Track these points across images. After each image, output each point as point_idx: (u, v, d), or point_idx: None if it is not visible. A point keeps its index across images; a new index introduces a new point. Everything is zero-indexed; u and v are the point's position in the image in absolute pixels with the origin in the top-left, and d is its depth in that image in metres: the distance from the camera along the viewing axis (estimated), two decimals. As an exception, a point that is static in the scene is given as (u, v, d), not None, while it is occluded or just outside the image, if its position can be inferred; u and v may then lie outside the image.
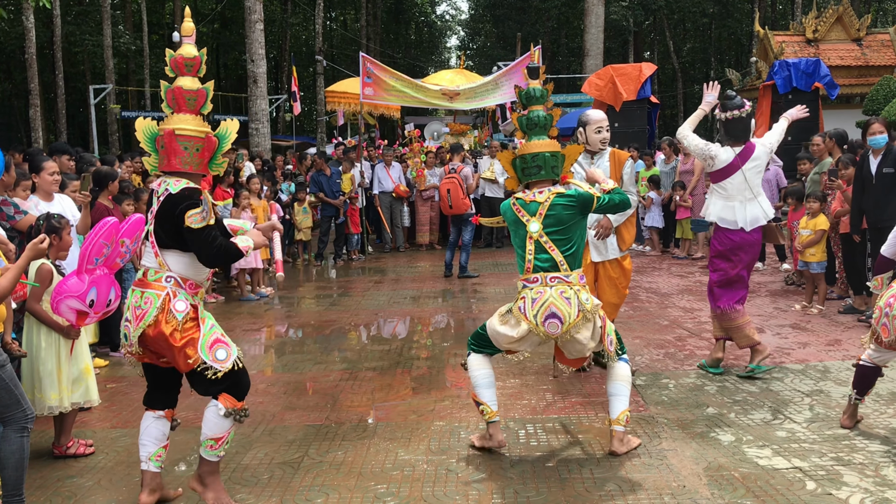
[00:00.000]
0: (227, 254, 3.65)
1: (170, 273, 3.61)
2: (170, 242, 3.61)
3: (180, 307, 3.58)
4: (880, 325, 4.17)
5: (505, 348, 4.28)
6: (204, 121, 3.75)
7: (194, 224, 3.50)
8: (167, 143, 3.63)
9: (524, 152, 4.25)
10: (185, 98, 3.68)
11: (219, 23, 37.01)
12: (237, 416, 3.64)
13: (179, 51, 3.76)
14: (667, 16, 34.87)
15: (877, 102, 18.27)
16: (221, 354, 3.59)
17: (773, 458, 4.11)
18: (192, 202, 3.54)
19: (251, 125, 17.86)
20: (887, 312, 4.12)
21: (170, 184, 3.62)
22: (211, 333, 3.62)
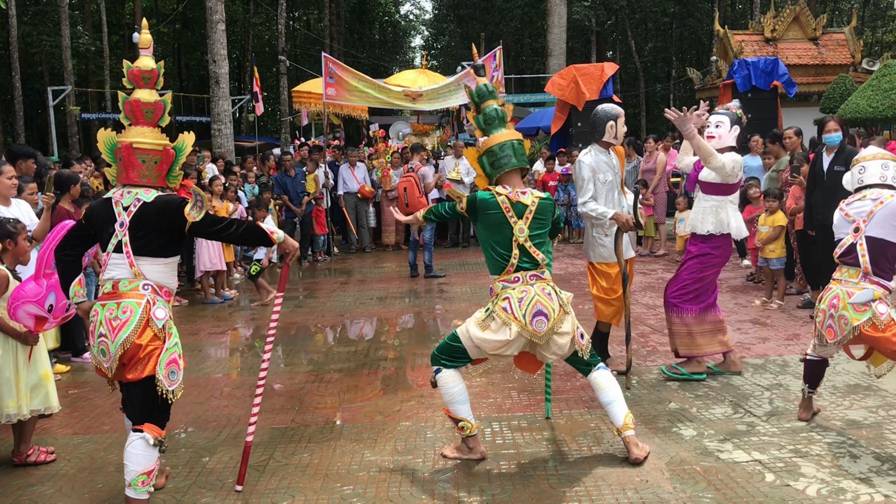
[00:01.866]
0: (254, 234, 3.81)
1: (146, 281, 3.60)
2: (146, 250, 3.61)
3: (160, 314, 3.58)
4: (825, 328, 4.24)
5: (489, 355, 4.17)
6: (162, 132, 3.76)
7: (196, 216, 3.59)
8: (125, 156, 3.65)
9: (489, 145, 4.23)
10: (143, 111, 3.70)
11: (180, 23, 36.62)
12: (162, 445, 3.60)
13: (137, 63, 3.76)
14: (628, 16, 35.22)
15: (833, 100, 18.65)
16: (174, 376, 3.58)
17: (733, 451, 4.18)
18: (180, 200, 3.62)
19: (213, 126, 17.71)
20: (832, 314, 4.19)
21: (139, 192, 3.63)
22: (173, 350, 3.61)
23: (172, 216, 3.60)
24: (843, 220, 4.30)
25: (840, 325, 4.15)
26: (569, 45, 28.42)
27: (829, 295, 4.25)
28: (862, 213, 4.18)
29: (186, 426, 4.97)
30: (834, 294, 4.21)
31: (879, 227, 4.11)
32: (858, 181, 4.33)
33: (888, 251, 4.13)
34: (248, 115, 32.23)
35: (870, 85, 15.85)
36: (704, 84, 25.50)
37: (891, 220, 4.10)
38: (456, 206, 4.26)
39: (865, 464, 3.93)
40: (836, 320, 4.17)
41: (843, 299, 4.13)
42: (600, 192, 5.56)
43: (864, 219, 4.15)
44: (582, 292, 9.01)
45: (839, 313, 4.14)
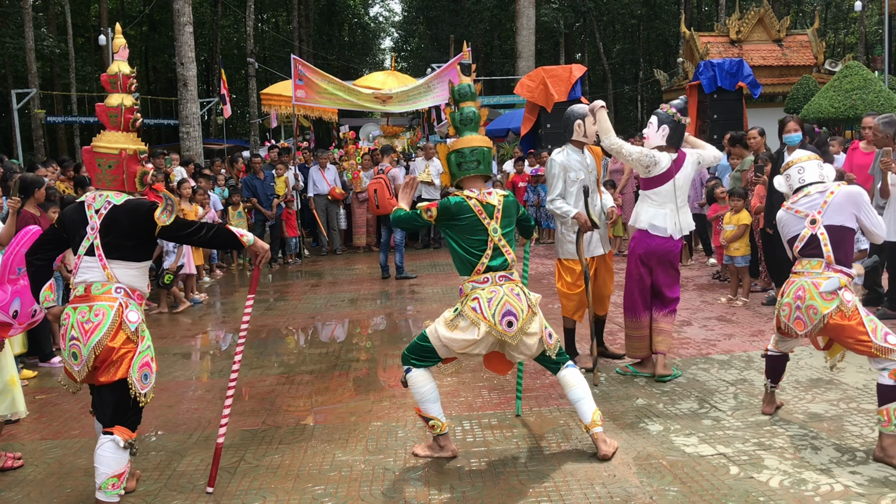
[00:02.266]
0: (224, 237, 3.83)
1: (119, 284, 3.61)
2: (118, 253, 3.62)
3: (133, 317, 3.60)
4: (793, 320, 4.29)
5: (458, 354, 4.20)
6: (137, 137, 3.78)
7: (167, 220, 3.61)
8: (86, 160, 3.69)
9: (461, 146, 4.27)
10: (108, 115, 3.73)
11: (147, 25, 36.29)
12: (133, 448, 3.61)
13: (109, 68, 3.79)
14: (596, 18, 35.52)
15: (797, 101, 19.00)
16: (146, 380, 3.60)
17: (699, 445, 4.26)
18: (148, 205, 3.63)
19: (182, 129, 17.61)
20: (798, 306, 4.23)
21: (110, 196, 3.65)
22: (145, 353, 3.62)
23: (142, 219, 3.61)
24: (794, 218, 4.35)
25: (809, 316, 4.18)
26: (538, 47, 28.61)
27: (793, 288, 4.29)
28: (815, 205, 4.26)
29: (157, 429, 4.95)
30: (799, 286, 4.24)
31: (837, 215, 4.20)
32: (799, 180, 4.41)
33: (848, 237, 4.23)
34: (217, 118, 32.01)
35: (832, 86, 16.18)
36: (671, 85, 25.83)
37: (847, 206, 4.20)
38: (422, 214, 4.19)
39: (826, 455, 4.03)
40: (804, 311, 4.20)
41: (810, 290, 4.17)
42: (570, 190, 5.69)
43: (818, 210, 4.23)
44: (552, 292, 9.09)
45: (807, 304, 4.17)
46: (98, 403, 3.67)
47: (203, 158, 18.87)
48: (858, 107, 15.17)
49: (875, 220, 4.28)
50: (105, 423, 3.60)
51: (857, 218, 4.23)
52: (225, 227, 3.88)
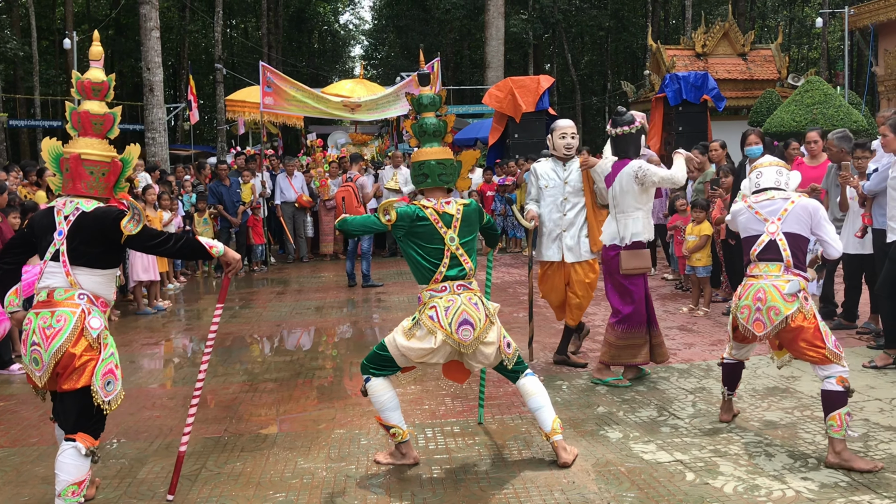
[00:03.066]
0: (193, 248, 3.83)
1: (82, 290, 3.60)
2: (84, 261, 3.61)
3: (95, 324, 3.57)
4: (752, 322, 4.35)
5: (415, 363, 4.22)
6: (110, 144, 3.79)
7: (133, 229, 3.60)
8: (73, 167, 3.66)
9: (419, 158, 4.31)
10: (92, 122, 3.73)
11: (113, 29, 35.91)
12: (95, 456, 3.59)
13: (87, 74, 3.81)
14: (565, 29, 35.84)
15: (760, 114, 19.30)
16: (110, 386, 3.59)
17: (656, 452, 4.34)
18: (116, 214, 3.63)
19: (147, 135, 17.46)
20: (759, 307, 4.28)
21: (80, 202, 3.65)
22: (109, 360, 3.61)
23: (109, 227, 3.61)
24: (753, 217, 4.46)
25: (770, 317, 4.22)
26: (507, 57, 28.80)
27: (752, 290, 4.33)
28: (775, 211, 4.39)
29: (118, 437, 4.92)
30: (758, 288, 4.29)
31: (795, 224, 4.33)
32: (756, 185, 4.58)
33: (803, 245, 4.37)
34: (184, 124, 31.76)
35: (793, 100, 16.48)
36: (638, 97, 26.12)
37: (803, 217, 4.34)
38: (380, 217, 4.16)
39: (779, 462, 4.12)
40: (764, 313, 4.23)
41: (771, 292, 4.23)
42: (543, 196, 6.08)
43: (778, 216, 4.36)
44: (517, 301, 9.17)
45: (768, 305, 4.22)
46: (60, 410, 3.64)
47: (169, 164, 18.72)
48: (819, 121, 15.44)
49: (832, 234, 4.41)
50: (67, 429, 3.57)
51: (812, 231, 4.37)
52: (194, 238, 3.88)
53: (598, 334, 6.77)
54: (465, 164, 4.45)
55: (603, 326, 7.04)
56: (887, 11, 22.51)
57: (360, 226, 4.22)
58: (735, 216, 4.65)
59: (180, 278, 11.63)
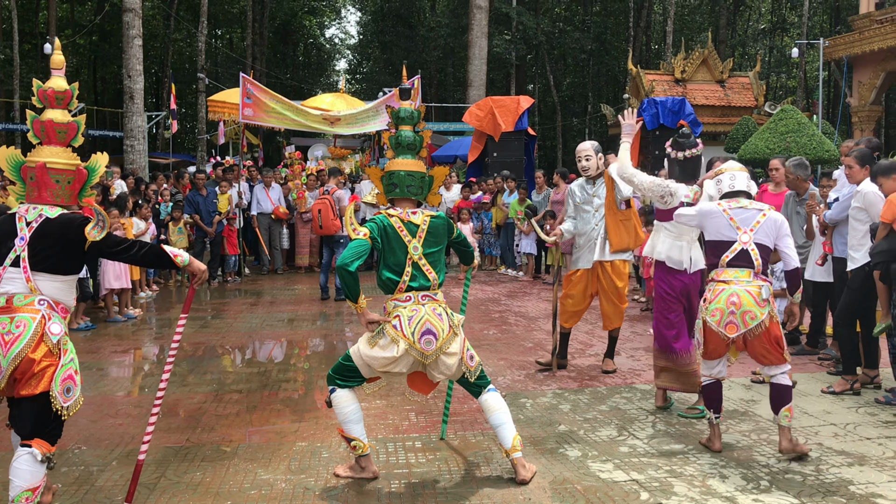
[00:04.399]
0: (157, 256, 3.85)
1: (42, 296, 3.61)
2: (46, 267, 3.62)
3: (55, 330, 3.58)
4: (725, 325, 4.47)
5: (379, 372, 4.25)
6: (73, 152, 3.81)
7: (97, 236, 3.63)
8: (38, 175, 3.68)
9: (392, 168, 4.37)
10: (56, 131, 3.76)
11: (97, 35, 35.81)
12: (51, 462, 3.59)
13: (49, 83, 3.82)
14: (547, 51, 36.20)
15: (737, 140, 19.62)
16: (69, 394, 3.59)
17: (613, 471, 4.39)
18: (80, 220, 3.65)
19: (126, 142, 17.43)
20: (732, 311, 4.44)
21: (44, 209, 3.67)
22: (68, 366, 3.61)
23: (73, 234, 3.63)
24: (725, 221, 4.61)
25: (744, 321, 4.42)
26: (490, 76, 29.03)
27: (725, 295, 4.49)
28: (748, 220, 4.59)
29: (78, 444, 4.91)
30: (732, 293, 4.47)
31: (764, 235, 4.58)
32: (730, 186, 4.74)
33: (767, 254, 4.62)
34: (165, 132, 31.66)
35: (768, 127, 16.77)
36: (617, 120, 26.39)
37: (773, 229, 4.60)
38: (352, 235, 4.19)
39: (733, 484, 4.19)
40: (738, 316, 4.43)
41: (745, 297, 4.44)
42: (579, 212, 6.65)
43: (751, 227, 4.58)
44: (489, 318, 9.24)
45: (743, 310, 4.42)
46: (17, 416, 3.63)
47: (148, 172, 18.67)
48: (792, 149, 15.75)
49: (792, 247, 4.67)
50: (24, 435, 3.57)
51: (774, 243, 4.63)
52: (159, 246, 3.90)
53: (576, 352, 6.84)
54: (436, 180, 4.51)
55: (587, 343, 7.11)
56: (861, 44, 22.96)
57: (352, 255, 4.08)
58: (704, 216, 4.73)
59: (153, 287, 11.58)
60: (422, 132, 4.52)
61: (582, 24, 39.45)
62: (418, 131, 4.51)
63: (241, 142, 14.31)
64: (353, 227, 4.24)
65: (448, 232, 4.44)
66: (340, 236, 10.66)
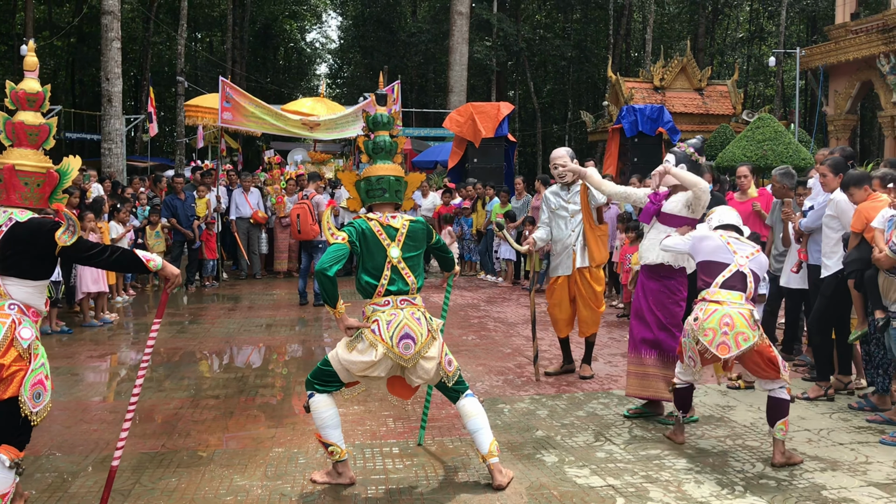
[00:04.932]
0: (129, 261, 3.82)
1: (12, 301, 3.58)
2: (14, 270, 3.59)
3: (26, 334, 3.54)
4: (717, 345, 4.50)
5: (358, 377, 4.25)
6: (45, 155, 3.79)
7: (68, 241, 3.58)
8: (7, 178, 3.66)
9: (369, 174, 4.35)
10: (27, 133, 3.74)
11: (75, 37, 35.50)
12: (19, 468, 3.56)
13: (21, 84, 3.80)
14: (528, 58, 36.33)
15: (715, 148, 19.75)
16: (39, 399, 3.55)
17: (590, 477, 4.41)
18: (51, 225, 3.62)
19: (104, 145, 17.27)
20: (725, 332, 4.49)
21: (14, 212, 3.64)
22: (38, 371, 3.57)
23: (42, 239, 3.59)
24: (722, 245, 4.79)
25: (737, 342, 4.48)
26: (470, 82, 29.11)
27: (717, 315, 4.54)
28: (745, 250, 4.78)
29: (52, 450, 4.86)
30: (724, 314, 4.53)
31: (756, 267, 4.76)
32: (719, 220, 5.01)
33: (758, 285, 4.78)
34: (143, 135, 31.42)
35: (745, 136, 16.93)
36: (597, 127, 26.56)
37: (762, 264, 4.83)
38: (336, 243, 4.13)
39: (708, 489, 4.22)
40: (731, 337, 4.48)
41: (738, 319, 4.51)
42: (555, 218, 6.63)
43: (747, 255, 4.75)
44: (468, 324, 9.25)
45: (736, 331, 4.49)
46: None
47: (125, 176, 18.53)
48: (769, 157, 15.90)
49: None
50: None
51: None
52: (131, 251, 3.88)
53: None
54: (411, 185, 4.53)
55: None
56: (837, 54, 23.24)
57: (331, 259, 4.06)
58: (699, 240, 4.93)
59: (129, 291, 11.48)
60: (396, 138, 4.54)
61: (562, 31, 39.66)
62: (393, 136, 4.52)
63: (220, 146, 14.24)
64: (331, 232, 4.22)
65: (427, 237, 4.45)
66: (319, 241, 10.64)
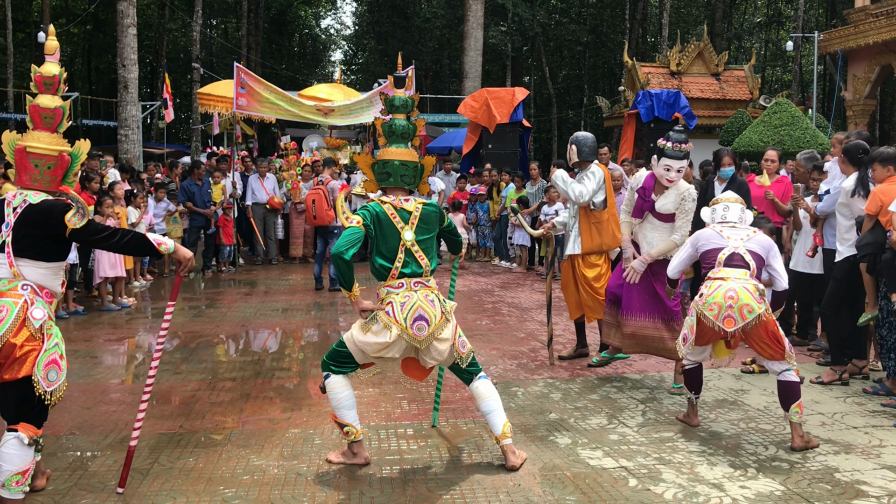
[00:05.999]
0: (140, 244, 3.84)
1: (26, 281, 3.63)
2: (28, 253, 3.64)
3: (38, 314, 3.59)
4: (723, 319, 4.54)
5: (373, 358, 4.29)
6: (62, 138, 3.83)
7: (77, 223, 3.62)
8: (18, 159, 3.74)
9: (384, 157, 4.38)
10: (42, 116, 3.78)
11: (91, 24, 35.68)
12: (38, 445, 3.62)
13: (41, 68, 3.84)
14: (543, 43, 36.16)
15: (731, 133, 19.64)
16: (53, 376, 3.60)
17: (602, 458, 4.44)
18: (62, 207, 3.66)
19: (120, 132, 17.42)
20: (730, 305, 4.52)
21: (28, 195, 3.70)
22: (52, 351, 3.62)
23: (53, 221, 3.64)
24: (718, 236, 4.86)
25: (742, 314, 4.49)
26: (485, 68, 29.03)
27: (722, 290, 4.57)
28: (738, 234, 4.82)
29: (72, 430, 4.94)
30: (728, 288, 4.55)
31: (756, 245, 4.76)
32: (722, 217, 4.99)
33: (760, 263, 4.76)
34: (159, 122, 31.58)
35: (762, 121, 16.80)
36: (612, 112, 26.44)
37: (763, 245, 4.79)
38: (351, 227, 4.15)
39: (720, 471, 4.25)
40: (736, 311, 4.50)
41: (742, 292, 4.52)
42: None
43: (741, 238, 4.79)
44: (481, 309, 9.28)
45: (741, 303, 4.50)
46: (2, 401, 3.64)
47: (142, 162, 18.65)
48: (786, 142, 15.78)
49: (781, 269, 4.84)
50: (9, 420, 3.60)
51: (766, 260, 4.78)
52: (142, 234, 3.90)
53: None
54: (427, 169, 4.54)
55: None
56: (856, 38, 22.99)
57: (347, 243, 4.08)
58: (696, 239, 5.01)
59: (147, 276, 11.59)
60: (415, 121, 4.55)
61: (578, 16, 39.40)
62: (412, 120, 4.54)
63: (236, 132, 14.30)
64: (345, 216, 4.25)
65: (439, 220, 4.48)
66: (334, 226, 10.70)
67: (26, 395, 3.55)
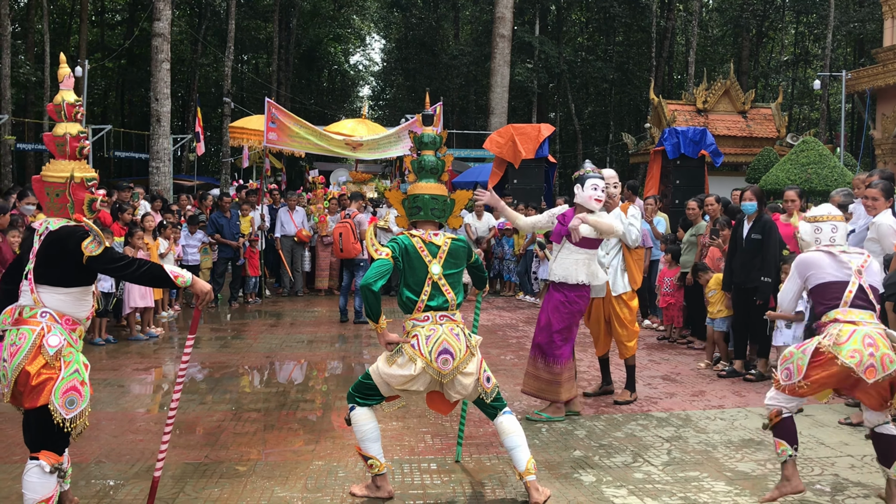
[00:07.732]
0: (156, 276, 3.82)
1: (45, 309, 3.66)
2: (48, 279, 3.68)
3: (53, 342, 3.59)
4: (865, 369, 4.05)
5: (398, 391, 4.33)
6: (85, 164, 3.86)
7: (94, 251, 3.64)
8: (36, 189, 3.82)
9: (414, 191, 4.48)
10: (55, 144, 3.84)
11: (126, 59, 36.47)
12: (61, 472, 3.63)
13: (54, 98, 3.90)
14: (569, 80, 36.35)
15: (758, 171, 19.54)
16: (72, 405, 3.60)
17: (627, 497, 4.41)
18: (81, 234, 3.69)
19: (152, 164, 17.71)
20: (872, 353, 4.07)
21: (50, 222, 3.76)
22: (71, 378, 3.62)
23: (71, 247, 3.67)
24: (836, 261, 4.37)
25: (884, 364, 4.05)
26: (511, 104, 29.21)
27: (859, 336, 4.10)
28: (857, 260, 4.37)
29: (99, 458, 4.99)
30: (866, 334, 4.11)
31: (874, 280, 4.39)
32: (830, 239, 4.49)
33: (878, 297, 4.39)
34: (190, 155, 32.07)
35: (789, 159, 16.72)
36: (638, 149, 26.46)
37: (876, 274, 4.45)
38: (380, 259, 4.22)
39: (747, 512, 4.20)
40: (878, 360, 4.04)
41: (879, 339, 4.10)
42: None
43: (861, 265, 4.33)
44: (506, 343, 9.27)
45: (881, 353, 4.06)
46: (25, 427, 3.67)
47: (172, 194, 18.93)
48: (813, 180, 15.69)
49: None
50: (32, 447, 3.62)
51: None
52: (159, 266, 3.88)
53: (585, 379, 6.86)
54: (458, 203, 4.60)
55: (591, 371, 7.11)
56: (885, 77, 22.88)
57: (375, 275, 4.13)
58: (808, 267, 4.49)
59: (175, 306, 11.72)
60: (444, 157, 4.62)
61: (604, 53, 39.62)
62: (440, 156, 4.61)
63: (265, 165, 14.50)
64: (374, 248, 4.32)
65: (467, 255, 4.53)
66: (361, 259, 10.78)
67: (45, 423, 3.56)
